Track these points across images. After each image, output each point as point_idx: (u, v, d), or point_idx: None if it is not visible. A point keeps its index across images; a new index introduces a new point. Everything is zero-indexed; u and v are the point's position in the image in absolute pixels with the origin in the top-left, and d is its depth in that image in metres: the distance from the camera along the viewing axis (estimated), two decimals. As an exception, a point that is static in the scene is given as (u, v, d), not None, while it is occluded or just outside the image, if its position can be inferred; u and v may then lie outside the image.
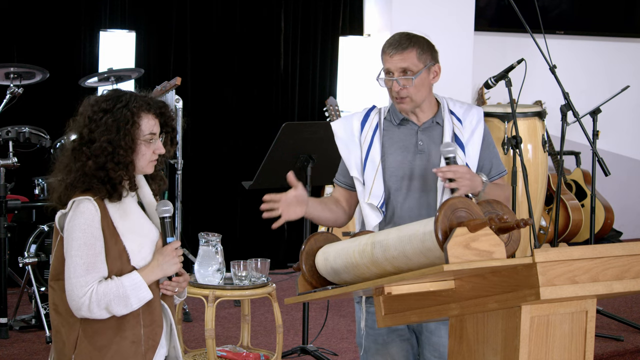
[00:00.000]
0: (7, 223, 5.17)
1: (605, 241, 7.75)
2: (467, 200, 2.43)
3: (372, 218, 3.15)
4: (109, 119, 2.75)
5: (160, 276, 2.79)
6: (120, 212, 2.76)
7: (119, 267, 2.73)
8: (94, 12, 6.46)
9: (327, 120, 6.53)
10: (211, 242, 4.16)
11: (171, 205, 2.84)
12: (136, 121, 2.77)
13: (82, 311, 2.68)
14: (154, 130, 2.81)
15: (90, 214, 2.70)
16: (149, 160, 2.82)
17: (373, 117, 3.23)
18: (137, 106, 2.78)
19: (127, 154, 2.75)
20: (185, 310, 5.58)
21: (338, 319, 5.70)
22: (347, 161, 3.22)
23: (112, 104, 2.78)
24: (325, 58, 7.31)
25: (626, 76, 8.03)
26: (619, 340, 5.26)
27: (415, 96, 3.14)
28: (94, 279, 2.68)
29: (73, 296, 2.68)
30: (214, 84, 6.91)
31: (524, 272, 2.28)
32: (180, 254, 2.82)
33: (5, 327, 5.15)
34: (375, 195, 3.14)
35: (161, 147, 2.84)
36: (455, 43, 7.23)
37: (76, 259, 2.68)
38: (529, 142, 6.16)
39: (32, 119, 5.64)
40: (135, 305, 2.72)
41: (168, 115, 2.88)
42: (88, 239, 2.69)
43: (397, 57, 3.12)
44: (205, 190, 6.92)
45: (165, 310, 2.86)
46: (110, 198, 2.75)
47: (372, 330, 3.19)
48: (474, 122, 3.24)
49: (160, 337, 2.82)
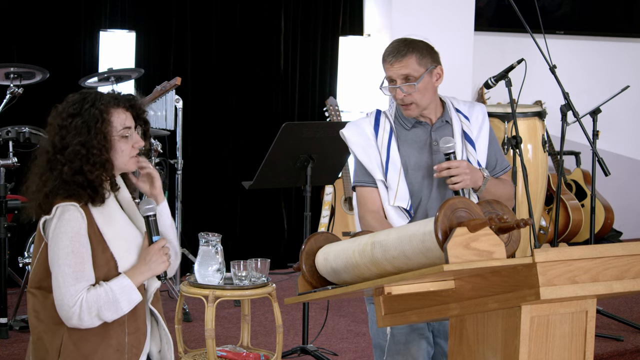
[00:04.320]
0: (7, 223, 5.16)
1: (605, 241, 7.75)
2: (467, 200, 2.43)
3: (397, 221, 3.14)
4: (78, 122, 2.71)
5: (149, 276, 2.76)
6: (105, 217, 2.72)
7: (106, 274, 2.70)
8: (94, 12, 6.45)
9: (327, 120, 6.54)
10: (211, 242, 4.16)
11: (154, 203, 2.80)
12: (106, 118, 2.71)
13: (73, 320, 2.65)
14: (127, 124, 2.76)
15: (76, 222, 2.66)
16: (129, 155, 2.76)
17: (384, 121, 3.24)
18: (104, 103, 2.73)
19: (101, 152, 2.70)
20: (185, 310, 5.58)
21: (338, 319, 5.70)
22: (369, 165, 3.20)
23: (79, 107, 2.73)
24: (325, 58, 7.31)
25: (626, 76, 8.03)
26: (619, 340, 5.26)
27: (421, 101, 3.15)
28: (82, 287, 2.64)
29: (63, 306, 2.64)
30: (214, 84, 6.91)
31: (524, 272, 2.28)
32: (167, 252, 2.79)
33: (5, 327, 5.14)
34: (401, 197, 3.14)
35: (139, 139, 2.78)
36: (455, 43, 7.23)
37: (64, 268, 2.63)
38: (529, 142, 6.16)
39: (32, 119, 5.64)
40: (125, 308, 2.69)
41: (139, 107, 2.82)
42: (75, 247, 2.65)
43: (398, 65, 3.12)
44: (205, 190, 6.91)
45: (157, 317, 2.84)
46: (93, 202, 2.70)
47: (393, 330, 3.19)
48: (480, 119, 3.28)
49: (144, 345, 2.79)
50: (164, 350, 2.87)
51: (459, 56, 7.26)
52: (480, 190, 3.12)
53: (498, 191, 3.17)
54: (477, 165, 3.20)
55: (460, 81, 7.24)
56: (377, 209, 3.19)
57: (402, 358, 3.18)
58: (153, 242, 2.77)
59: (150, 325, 2.86)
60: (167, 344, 2.87)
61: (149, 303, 2.83)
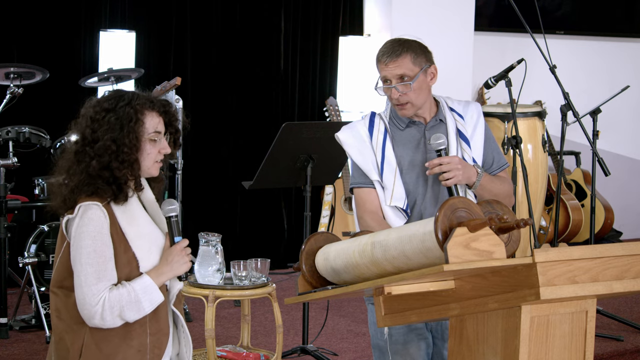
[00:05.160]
0: (7, 223, 5.16)
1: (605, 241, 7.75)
2: (467, 200, 2.43)
3: (395, 221, 3.14)
4: (111, 118, 2.69)
5: (171, 277, 2.75)
6: (127, 217, 2.71)
7: (128, 274, 2.69)
8: (94, 12, 6.46)
9: (327, 120, 6.54)
10: (211, 242, 4.16)
11: (177, 204, 2.80)
12: (140, 118, 2.71)
13: (95, 320, 2.63)
14: (159, 129, 2.76)
15: (99, 221, 2.65)
16: (154, 160, 2.76)
17: (378, 122, 3.24)
18: (140, 104, 2.73)
19: (131, 152, 2.69)
20: (185, 310, 5.58)
21: (338, 319, 5.70)
22: (365, 166, 3.21)
23: (114, 102, 2.72)
24: (325, 58, 7.31)
25: (626, 76, 8.03)
26: (619, 340, 5.26)
27: (416, 100, 3.15)
28: (105, 287, 2.63)
29: (85, 305, 2.62)
30: (214, 84, 6.91)
31: (524, 272, 2.28)
32: (189, 252, 2.78)
33: (5, 327, 5.14)
34: (398, 197, 3.14)
35: (167, 146, 2.78)
36: (455, 43, 7.23)
37: (87, 267, 2.62)
38: (529, 142, 6.16)
39: (32, 119, 5.64)
40: (148, 309, 2.68)
41: (172, 114, 2.82)
42: (98, 247, 2.63)
43: (392, 65, 3.13)
44: (205, 190, 6.92)
45: (177, 317, 2.83)
46: (116, 200, 2.69)
47: (391, 330, 3.19)
48: (474, 117, 3.28)
49: (166, 346, 2.77)
50: (182, 353, 2.86)
51: (459, 56, 7.26)
52: (475, 187, 3.12)
53: (494, 188, 3.17)
54: (473, 162, 3.20)
55: (460, 81, 7.24)
56: (376, 209, 3.19)
57: (401, 358, 3.18)
58: (175, 242, 2.77)
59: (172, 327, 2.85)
60: (186, 346, 2.85)
61: (171, 304, 2.82)
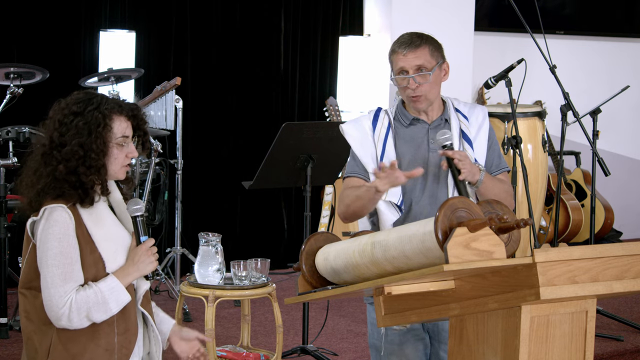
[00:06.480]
0: (7, 223, 5.17)
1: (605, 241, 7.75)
2: (467, 200, 2.43)
3: (388, 217, 3.15)
4: (79, 122, 2.68)
5: (137, 277, 2.75)
6: (94, 219, 2.71)
7: (94, 275, 2.69)
8: (94, 12, 6.45)
9: (327, 120, 6.54)
10: (211, 242, 4.16)
11: (142, 204, 2.79)
12: (108, 123, 2.70)
13: (62, 321, 2.63)
14: (127, 133, 2.75)
15: (64, 223, 2.65)
16: (121, 164, 2.75)
17: (383, 117, 3.25)
18: (108, 108, 2.71)
19: (98, 157, 2.68)
20: (185, 310, 5.58)
21: (338, 319, 5.70)
22: (363, 158, 3.21)
23: (83, 106, 2.71)
24: (325, 58, 7.31)
25: (626, 76, 8.03)
26: (619, 340, 5.26)
27: (430, 94, 3.16)
28: (71, 288, 2.63)
29: (52, 307, 2.63)
30: (214, 84, 6.91)
31: (524, 272, 2.28)
32: (155, 252, 2.77)
33: (5, 327, 5.15)
34: (393, 192, 3.14)
35: (134, 150, 2.77)
36: (455, 43, 7.21)
37: (53, 269, 2.62)
38: (529, 142, 6.16)
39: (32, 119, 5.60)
40: (115, 309, 2.68)
41: (140, 118, 2.81)
42: (64, 248, 2.63)
43: (412, 55, 3.13)
44: (205, 190, 6.92)
45: (147, 318, 2.83)
46: (82, 204, 2.69)
47: (387, 331, 3.19)
48: (480, 119, 3.28)
49: (134, 345, 2.78)
50: (152, 352, 2.86)
51: (459, 56, 7.25)
52: (478, 184, 3.11)
53: (495, 187, 3.17)
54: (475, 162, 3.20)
55: (460, 81, 7.24)
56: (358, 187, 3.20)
57: (396, 359, 3.19)
58: (141, 242, 2.76)
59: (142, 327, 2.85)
60: (155, 346, 2.85)
61: (139, 304, 2.82)
